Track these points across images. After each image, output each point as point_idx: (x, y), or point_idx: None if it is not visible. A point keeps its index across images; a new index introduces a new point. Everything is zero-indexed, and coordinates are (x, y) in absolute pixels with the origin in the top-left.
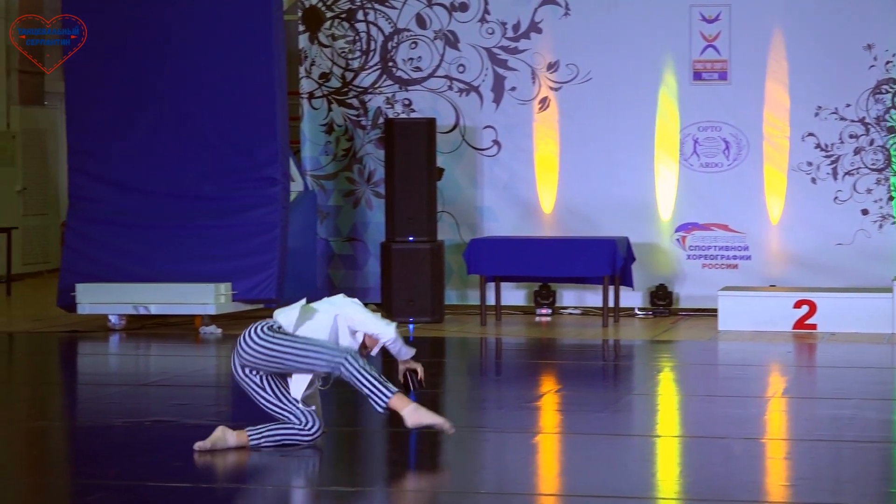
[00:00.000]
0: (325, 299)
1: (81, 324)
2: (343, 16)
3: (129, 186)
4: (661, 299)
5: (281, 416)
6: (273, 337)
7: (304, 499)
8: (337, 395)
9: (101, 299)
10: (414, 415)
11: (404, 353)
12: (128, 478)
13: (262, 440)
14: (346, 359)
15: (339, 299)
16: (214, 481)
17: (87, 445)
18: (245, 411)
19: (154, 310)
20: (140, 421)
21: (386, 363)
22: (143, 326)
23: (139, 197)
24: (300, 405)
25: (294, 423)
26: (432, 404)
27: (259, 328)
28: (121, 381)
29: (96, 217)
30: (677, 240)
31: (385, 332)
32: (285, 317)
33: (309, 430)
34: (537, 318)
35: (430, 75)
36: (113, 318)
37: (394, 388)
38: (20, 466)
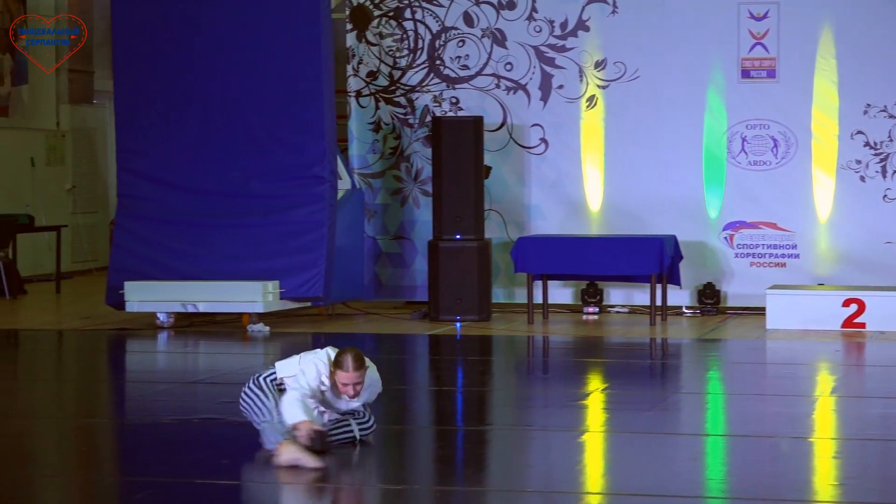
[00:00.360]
0: (312, 354)
1: (130, 321)
2: (391, 14)
3: (178, 185)
4: (709, 298)
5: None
6: (251, 391)
7: (352, 496)
8: (384, 393)
9: (149, 297)
10: (284, 453)
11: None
12: (175, 475)
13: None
14: (266, 425)
15: (308, 360)
16: (261, 479)
17: (136, 443)
18: None
19: (202, 308)
20: (188, 418)
21: None
22: (191, 324)
23: (188, 195)
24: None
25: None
26: (480, 402)
27: (254, 378)
28: (169, 379)
29: (145, 215)
30: (725, 238)
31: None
32: (282, 369)
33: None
34: (584, 317)
35: (478, 73)
36: (161, 316)
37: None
38: (69, 463)
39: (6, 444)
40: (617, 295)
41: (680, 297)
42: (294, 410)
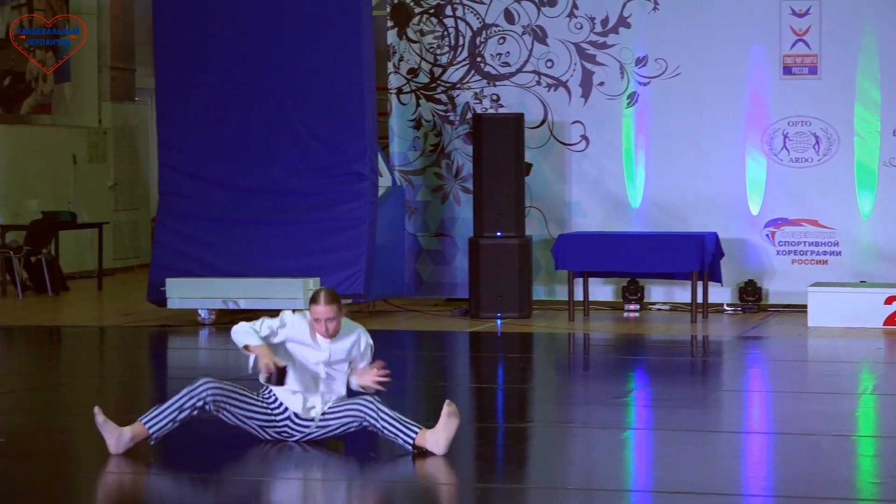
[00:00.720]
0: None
1: (171, 318)
2: (431, 11)
3: (219, 182)
4: (751, 295)
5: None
6: None
7: (394, 494)
8: (425, 390)
9: (190, 294)
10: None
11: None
12: (215, 471)
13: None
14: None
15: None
16: (301, 475)
17: (176, 439)
18: None
19: (243, 304)
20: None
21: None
22: (232, 321)
23: (229, 192)
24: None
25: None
26: (520, 399)
27: None
28: (210, 375)
29: (186, 212)
30: (767, 235)
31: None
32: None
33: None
34: (625, 314)
35: (519, 70)
36: (202, 313)
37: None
38: (109, 459)
39: (49, 440)
40: (658, 292)
41: (721, 294)
42: (242, 336)
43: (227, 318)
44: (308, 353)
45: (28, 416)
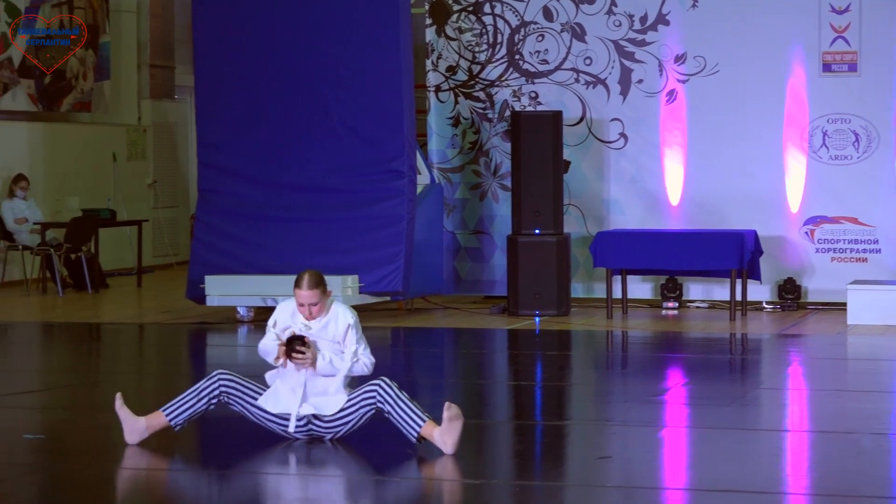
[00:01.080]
0: None
1: (210, 315)
2: (470, 9)
3: (258, 179)
4: (790, 293)
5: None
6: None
7: (428, 491)
8: (462, 388)
9: (229, 291)
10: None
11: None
12: (252, 468)
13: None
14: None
15: None
16: (333, 472)
17: (215, 435)
18: None
19: (282, 302)
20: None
21: None
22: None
23: (268, 190)
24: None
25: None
26: (558, 397)
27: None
28: (248, 373)
29: (225, 209)
30: (806, 233)
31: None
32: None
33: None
34: (664, 312)
35: (557, 68)
36: (241, 310)
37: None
38: (150, 456)
39: (88, 437)
40: (696, 290)
41: (760, 292)
42: (267, 354)
43: (266, 315)
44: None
45: (68, 412)
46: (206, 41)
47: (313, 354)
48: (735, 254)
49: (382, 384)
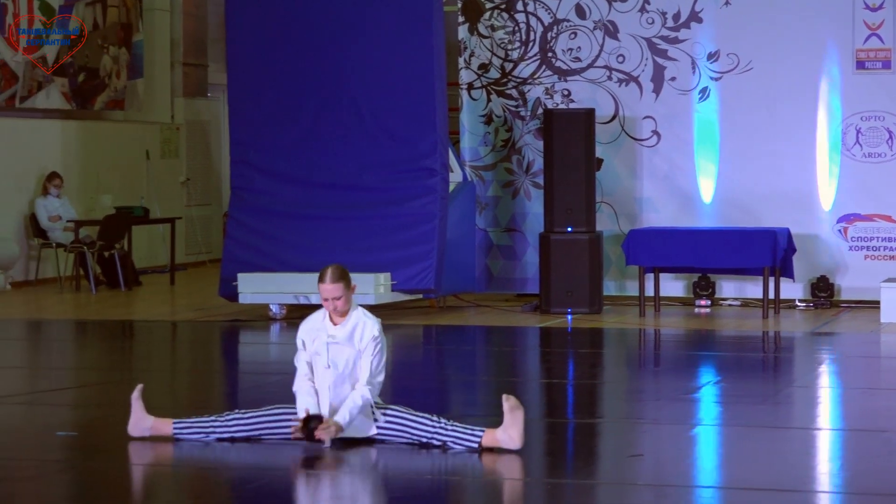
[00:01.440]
0: None
1: (243, 313)
2: (502, 6)
3: (291, 177)
4: (823, 291)
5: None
6: None
7: (463, 489)
8: (495, 385)
9: (262, 289)
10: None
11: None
12: (286, 466)
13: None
14: None
15: None
16: (364, 471)
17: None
18: (401, 398)
19: (314, 299)
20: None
21: None
22: (302, 316)
23: (300, 187)
24: None
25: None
26: (590, 395)
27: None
28: (281, 371)
29: (258, 207)
30: (839, 231)
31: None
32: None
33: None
34: (696, 310)
35: (590, 65)
36: (274, 308)
37: None
38: (183, 454)
39: (122, 434)
40: (729, 288)
41: (793, 290)
42: (300, 400)
43: (298, 312)
44: (318, 345)
45: (100, 409)
46: (239, 39)
47: (336, 427)
48: (768, 252)
49: (431, 425)
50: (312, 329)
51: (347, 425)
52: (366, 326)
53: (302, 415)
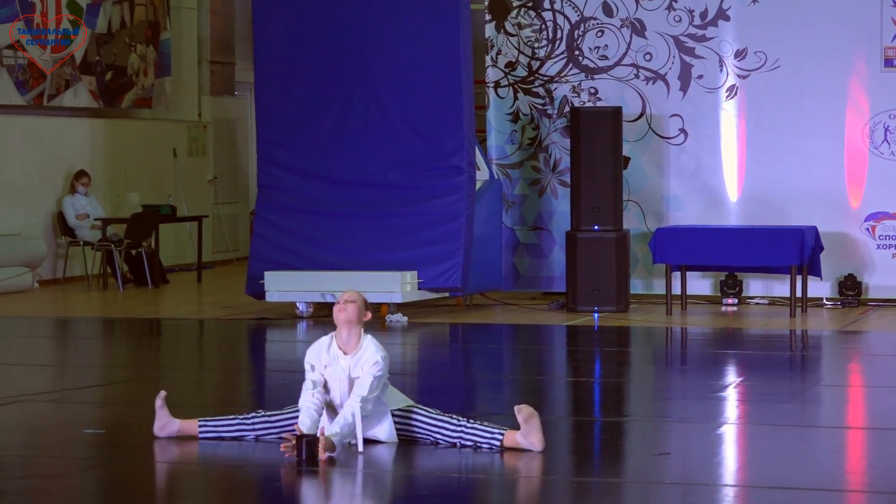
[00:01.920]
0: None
1: (270, 311)
2: (529, 4)
3: (318, 175)
4: (850, 289)
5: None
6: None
7: (489, 487)
8: (521, 384)
9: (288, 287)
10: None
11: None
12: (313, 464)
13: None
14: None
15: None
16: (392, 469)
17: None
18: (435, 399)
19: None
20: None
21: None
22: (329, 314)
23: (327, 185)
24: None
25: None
26: (617, 394)
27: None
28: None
29: (285, 205)
30: (867, 229)
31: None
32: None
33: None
34: (723, 308)
35: (617, 63)
36: (300, 306)
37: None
38: (209, 451)
39: (149, 431)
40: (756, 286)
41: (820, 288)
42: (302, 415)
43: (325, 311)
44: (332, 374)
45: (128, 407)
46: (266, 38)
47: (330, 446)
48: (795, 250)
49: (453, 427)
50: (321, 353)
51: (338, 443)
52: (371, 352)
53: (297, 432)
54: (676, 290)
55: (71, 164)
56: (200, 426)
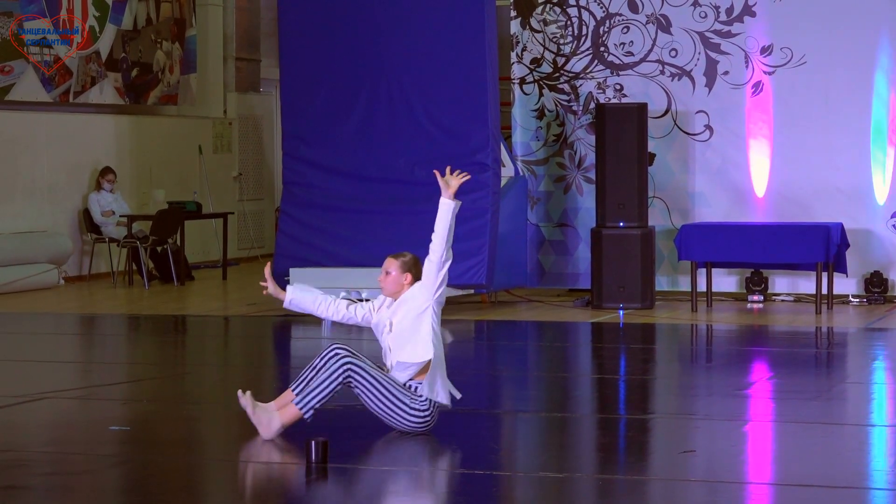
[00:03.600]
0: None
1: None
2: (555, 1)
3: (343, 172)
4: (876, 286)
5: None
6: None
7: (512, 484)
8: (546, 381)
9: (314, 283)
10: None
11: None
12: (340, 461)
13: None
14: None
15: None
16: (411, 465)
17: (300, 428)
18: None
19: (366, 294)
20: (352, 405)
21: None
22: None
23: (352, 182)
24: None
25: None
26: (642, 391)
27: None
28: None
29: (310, 202)
30: (893, 226)
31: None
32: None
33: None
34: (749, 305)
35: (642, 60)
36: None
37: None
38: (235, 447)
39: (175, 428)
40: (782, 283)
41: (846, 285)
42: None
43: None
44: (378, 321)
45: (154, 404)
46: (291, 34)
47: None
48: (821, 247)
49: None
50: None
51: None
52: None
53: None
54: (702, 286)
55: (97, 161)
56: (297, 403)
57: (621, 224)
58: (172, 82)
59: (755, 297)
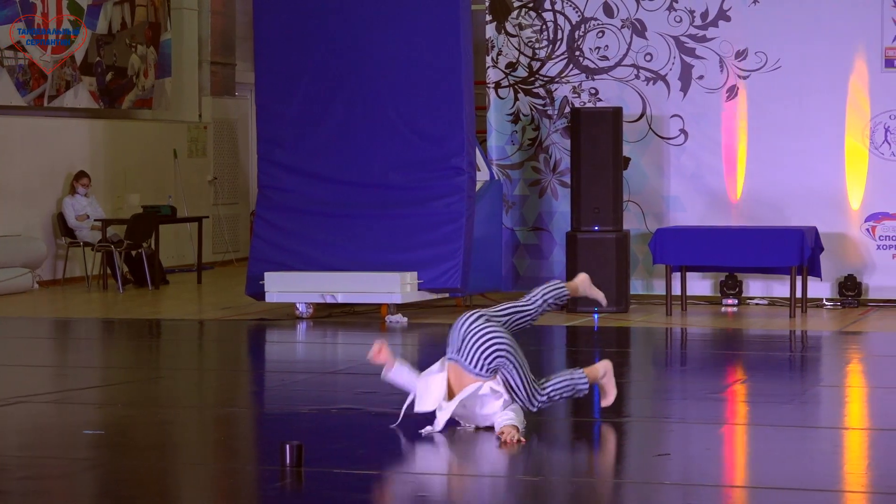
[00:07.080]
0: None
1: (270, 312)
2: (530, 5)
3: (318, 176)
4: (850, 290)
5: None
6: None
7: (490, 488)
8: None
9: (288, 288)
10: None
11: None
12: (314, 465)
13: None
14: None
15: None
16: (399, 469)
17: (274, 432)
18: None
19: (341, 298)
20: (326, 408)
21: None
22: (329, 315)
23: (328, 186)
24: None
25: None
26: (617, 394)
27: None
28: (307, 369)
29: (285, 206)
30: (867, 230)
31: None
32: None
33: None
34: (723, 309)
35: (617, 64)
36: (300, 307)
37: None
38: (209, 452)
39: (148, 432)
40: (756, 287)
41: (820, 289)
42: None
43: (325, 311)
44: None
45: (128, 408)
46: (267, 38)
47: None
48: (795, 250)
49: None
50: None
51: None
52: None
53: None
54: (676, 290)
55: (71, 165)
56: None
57: (596, 228)
58: (147, 86)
59: (730, 301)
